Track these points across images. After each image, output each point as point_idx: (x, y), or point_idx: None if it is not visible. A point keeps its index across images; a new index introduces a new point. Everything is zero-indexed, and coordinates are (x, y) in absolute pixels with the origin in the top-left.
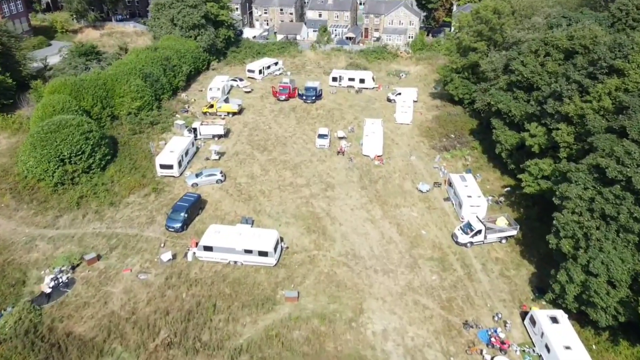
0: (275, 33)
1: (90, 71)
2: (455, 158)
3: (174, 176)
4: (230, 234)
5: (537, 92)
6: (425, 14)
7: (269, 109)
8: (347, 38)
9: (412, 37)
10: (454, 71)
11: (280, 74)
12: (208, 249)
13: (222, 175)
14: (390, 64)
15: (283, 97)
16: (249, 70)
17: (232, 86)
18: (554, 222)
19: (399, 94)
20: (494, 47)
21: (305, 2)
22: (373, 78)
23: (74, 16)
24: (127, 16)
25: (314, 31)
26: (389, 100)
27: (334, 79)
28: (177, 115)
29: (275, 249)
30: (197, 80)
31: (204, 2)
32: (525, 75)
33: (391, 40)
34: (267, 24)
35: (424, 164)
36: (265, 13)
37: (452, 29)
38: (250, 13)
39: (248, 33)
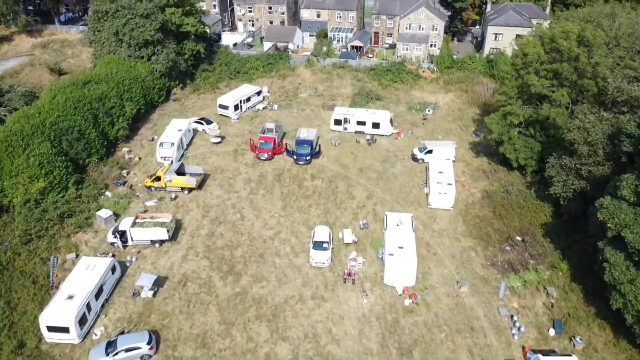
0: (261, 39)
1: None
2: (530, 288)
3: (73, 344)
4: None
5: None
6: (449, 13)
7: (244, 176)
8: (352, 47)
9: (435, 45)
10: (512, 125)
11: (264, 108)
12: None
13: (150, 347)
14: (411, 89)
15: (265, 156)
16: (221, 106)
17: (196, 131)
18: None
19: (430, 151)
20: (579, 95)
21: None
22: (391, 120)
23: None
24: (80, 13)
25: (310, 36)
26: (415, 159)
27: (337, 122)
28: (106, 193)
29: None
30: (149, 121)
31: (161, 8)
32: None
33: (409, 49)
34: (253, 24)
35: (482, 302)
36: (250, 11)
37: (485, 32)
38: (232, 11)
39: (227, 39)
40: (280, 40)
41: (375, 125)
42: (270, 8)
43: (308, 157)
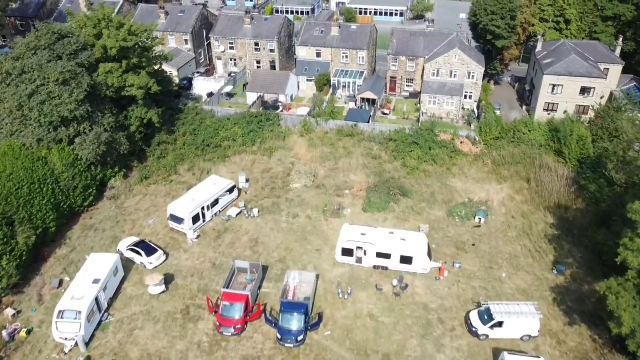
0: (244, 85)
1: None
2: None
3: None
4: None
5: None
6: (485, 48)
7: None
8: (362, 100)
9: (471, 96)
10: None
11: (237, 214)
12: None
13: None
14: (448, 174)
15: (231, 330)
16: (173, 217)
17: (131, 263)
18: None
19: (499, 323)
20: None
21: (295, 35)
22: (429, 250)
23: None
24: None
25: (307, 80)
26: (473, 332)
27: (346, 252)
28: None
29: None
30: (63, 242)
31: (90, 66)
32: None
33: (437, 103)
34: (235, 64)
35: None
36: (232, 48)
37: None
38: (209, 45)
39: (200, 87)
40: (268, 90)
41: (405, 260)
42: (256, 45)
43: (300, 337)
